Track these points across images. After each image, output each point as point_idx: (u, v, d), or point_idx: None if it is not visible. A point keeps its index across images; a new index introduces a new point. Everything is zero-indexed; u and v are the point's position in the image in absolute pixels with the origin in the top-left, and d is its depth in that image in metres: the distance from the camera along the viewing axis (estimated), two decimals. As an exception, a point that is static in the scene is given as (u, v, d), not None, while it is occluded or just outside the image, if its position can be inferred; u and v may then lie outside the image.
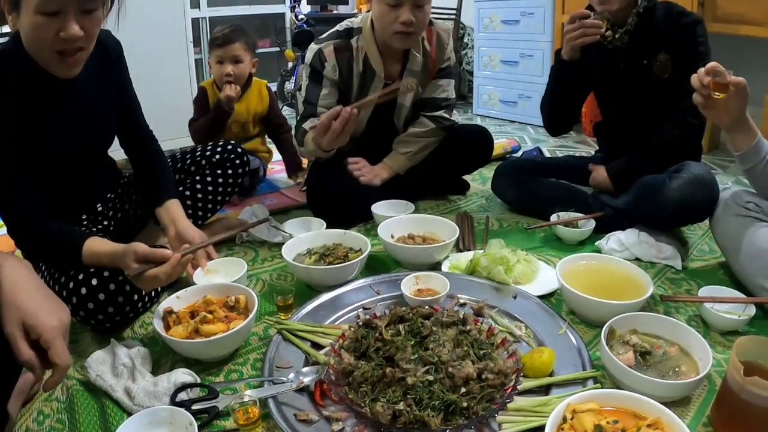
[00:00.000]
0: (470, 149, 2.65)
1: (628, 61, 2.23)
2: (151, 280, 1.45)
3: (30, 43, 1.45)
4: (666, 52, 2.15)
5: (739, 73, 1.62)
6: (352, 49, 2.36)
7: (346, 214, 2.34)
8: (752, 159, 1.75)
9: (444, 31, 2.52)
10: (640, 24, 2.17)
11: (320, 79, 2.35)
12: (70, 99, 1.63)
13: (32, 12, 1.35)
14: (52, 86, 1.57)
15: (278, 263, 2.06)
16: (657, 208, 2.04)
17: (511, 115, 4.93)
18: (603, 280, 1.71)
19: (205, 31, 6.03)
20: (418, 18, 2.22)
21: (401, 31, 2.23)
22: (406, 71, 2.43)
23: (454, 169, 2.74)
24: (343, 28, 2.41)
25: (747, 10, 3.27)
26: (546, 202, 2.35)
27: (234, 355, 1.52)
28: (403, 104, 2.50)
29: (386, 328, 1.37)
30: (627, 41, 2.20)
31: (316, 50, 2.36)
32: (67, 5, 1.36)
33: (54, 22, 1.37)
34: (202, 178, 2.13)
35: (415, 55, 2.42)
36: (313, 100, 2.36)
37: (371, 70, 2.38)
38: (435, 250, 1.94)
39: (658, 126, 2.23)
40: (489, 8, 4.91)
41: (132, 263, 1.45)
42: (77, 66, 1.50)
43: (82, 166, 1.77)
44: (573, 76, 2.27)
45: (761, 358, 1.23)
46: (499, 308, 1.63)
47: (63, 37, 1.39)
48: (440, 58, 2.51)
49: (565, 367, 1.36)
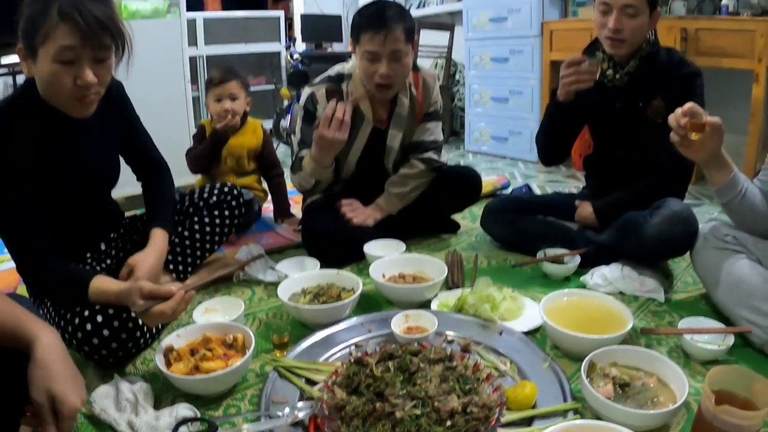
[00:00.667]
0: (459, 190, 2.71)
1: (624, 101, 2.29)
2: (157, 316, 1.52)
3: (47, 88, 1.56)
4: (662, 97, 2.20)
5: (722, 103, 1.68)
6: (342, 93, 2.45)
7: (340, 253, 2.39)
8: (728, 193, 1.80)
9: (430, 77, 2.61)
10: (641, 67, 2.23)
11: (312, 121, 2.42)
12: (78, 140, 1.73)
13: (50, 60, 1.48)
14: (63, 128, 1.67)
15: (274, 302, 2.10)
16: (638, 243, 2.10)
17: (502, 151, 5.00)
18: (585, 315, 1.76)
19: (203, 69, 6.10)
20: (396, 71, 2.31)
21: (380, 83, 2.32)
22: (394, 115, 2.52)
23: (444, 209, 2.79)
24: (335, 72, 2.50)
25: (728, 43, 3.39)
26: (533, 238, 2.40)
27: (232, 390, 1.56)
28: (392, 147, 2.57)
29: (376, 365, 1.42)
30: (626, 82, 2.26)
31: (309, 93, 2.46)
32: (82, 55, 1.49)
33: (70, 70, 1.49)
34: (200, 219, 2.20)
35: (402, 99, 2.50)
36: (308, 141, 2.41)
37: (360, 113, 2.46)
38: (424, 289, 1.99)
39: (645, 167, 2.29)
40: (479, 46, 5.02)
41: (138, 300, 1.51)
42: (92, 106, 1.62)
43: (87, 205, 1.85)
44: (568, 116, 2.34)
45: (734, 386, 1.28)
46: (485, 344, 1.68)
47: (79, 84, 1.51)
48: (427, 103, 2.60)
49: (548, 399, 1.42)
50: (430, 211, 2.71)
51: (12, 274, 2.45)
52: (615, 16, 2.11)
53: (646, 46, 2.22)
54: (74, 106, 1.58)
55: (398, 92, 2.49)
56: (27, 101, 1.61)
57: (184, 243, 2.14)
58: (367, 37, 2.27)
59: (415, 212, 2.63)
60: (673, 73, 2.21)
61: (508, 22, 4.73)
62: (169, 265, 2.07)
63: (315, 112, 2.43)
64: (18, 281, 2.37)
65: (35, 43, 1.48)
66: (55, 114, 1.62)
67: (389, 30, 2.23)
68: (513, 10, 4.66)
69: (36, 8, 1.47)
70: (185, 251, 2.13)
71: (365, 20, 2.29)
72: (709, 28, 3.50)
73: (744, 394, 1.28)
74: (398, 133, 2.55)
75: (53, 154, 1.67)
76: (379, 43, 2.25)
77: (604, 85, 2.29)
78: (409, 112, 2.54)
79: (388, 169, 2.64)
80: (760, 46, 3.24)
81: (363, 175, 2.59)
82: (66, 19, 1.44)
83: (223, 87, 2.80)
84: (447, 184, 2.63)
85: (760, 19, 3.29)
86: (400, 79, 2.38)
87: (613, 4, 2.12)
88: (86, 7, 1.46)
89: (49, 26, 1.45)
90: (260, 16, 6.85)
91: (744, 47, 3.34)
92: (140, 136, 2.01)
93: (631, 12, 2.11)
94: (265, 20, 6.75)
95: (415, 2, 6.88)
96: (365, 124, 2.48)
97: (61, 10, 1.44)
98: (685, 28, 3.53)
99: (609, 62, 2.27)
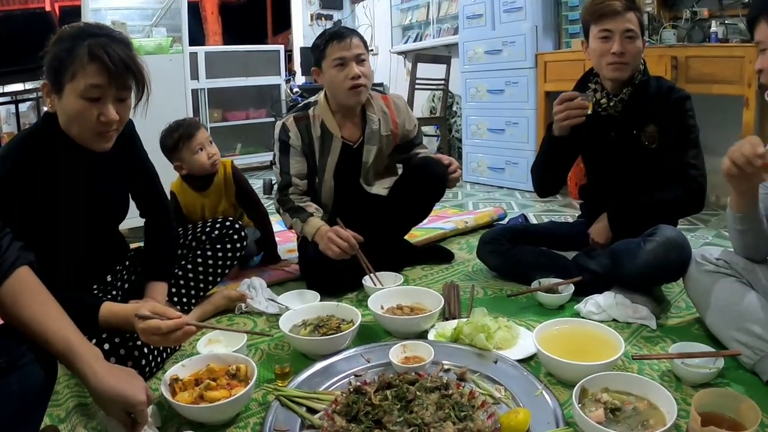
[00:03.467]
0: (424, 185, 2.65)
1: (618, 129, 2.35)
2: (152, 329, 1.55)
3: (70, 123, 1.63)
4: (654, 124, 2.28)
5: (714, 128, 1.71)
6: (309, 117, 2.59)
7: (336, 281, 2.45)
8: (752, 221, 1.79)
9: (398, 98, 2.81)
10: (634, 95, 2.30)
11: (288, 150, 2.57)
12: (93, 174, 1.80)
13: (76, 97, 1.56)
14: (80, 161, 1.74)
15: (275, 334, 2.11)
16: (632, 270, 2.13)
17: (499, 181, 5.07)
18: (577, 342, 1.80)
19: (204, 102, 6.21)
20: (363, 72, 2.47)
21: (352, 85, 2.47)
22: (366, 132, 2.64)
23: (412, 204, 2.71)
24: (302, 103, 2.68)
25: (717, 70, 3.47)
26: (528, 268, 2.45)
27: (236, 419, 1.59)
28: (367, 162, 2.66)
29: (375, 393, 1.47)
30: (620, 110, 2.32)
31: (281, 125, 2.60)
32: (107, 93, 1.58)
33: (95, 106, 1.58)
34: (203, 253, 2.26)
35: (371, 116, 2.64)
36: (286, 170, 2.57)
37: (329, 132, 2.59)
38: (421, 320, 2.03)
39: (640, 193, 2.34)
40: (475, 78, 5.12)
41: (144, 311, 1.56)
42: (111, 141, 1.70)
43: (96, 238, 1.91)
44: (564, 148, 2.38)
45: (722, 408, 1.33)
46: (480, 373, 1.71)
47: (102, 120, 1.59)
48: (401, 119, 2.73)
49: (541, 425, 1.45)
50: (403, 210, 2.69)
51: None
52: (618, 40, 2.21)
53: (638, 74, 2.30)
54: (95, 140, 1.66)
55: (366, 110, 2.64)
56: (48, 134, 1.67)
57: (187, 276, 2.20)
58: (333, 47, 2.48)
59: (389, 219, 2.67)
60: (664, 100, 2.29)
61: (503, 54, 4.83)
62: (173, 297, 2.13)
63: (288, 140, 2.57)
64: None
65: (63, 79, 1.56)
66: (74, 147, 1.68)
67: (350, 37, 2.48)
68: (508, 42, 4.77)
69: (64, 47, 1.56)
70: (188, 284, 2.19)
71: (327, 36, 2.52)
72: (699, 55, 3.59)
73: (731, 415, 1.33)
74: (372, 148, 2.65)
75: (68, 187, 1.73)
76: (345, 48, 2.46)
77: (598, 114, 2.35)
78: (383, 127, 2.67)
79: (364, 187, 2.69)
80: (750, 71, 3.30)
81: (343, 196, 2.67)
82: (95, 59, 1.54)
83: (195, 138, 2.69)
84: (412, 181, 2.67)
85: (749, 45, 3.35)
86: (368, 81, 2.53)
87: (615, 30, 2.22)
88: (113, 49, 1.56)
89: (77, 65, 1.54)
90: (260, 50, 6.97)
91: (733, 73, 3.42)
92: (147, 174, 2.05)
93: (631, 35, 2.22)
94: (265, 54, 6.87)
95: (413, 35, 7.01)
96: (335, 142, 2.60)
97: (91, 51, 1.54)
98: (675, 57, 3.62)
99: (602, 92, 2.34)
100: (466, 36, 5.16)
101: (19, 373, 1.20)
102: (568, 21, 4.67)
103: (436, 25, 6.73)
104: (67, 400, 1.69)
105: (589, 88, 2.36)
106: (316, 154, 2.60)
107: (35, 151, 1.66)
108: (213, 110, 6.55)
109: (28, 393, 1.22)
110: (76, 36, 1.57)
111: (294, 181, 2.55)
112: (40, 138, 1.68)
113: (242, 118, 6.92)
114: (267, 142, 6.80)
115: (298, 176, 2.57)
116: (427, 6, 6.88)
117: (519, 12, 4.68)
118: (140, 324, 1.56)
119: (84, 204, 1.79)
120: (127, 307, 1.64)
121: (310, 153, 2.60)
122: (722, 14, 3.77)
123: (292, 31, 8.27)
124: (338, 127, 2.60)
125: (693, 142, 2.28)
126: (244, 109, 6.96)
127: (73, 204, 1.75)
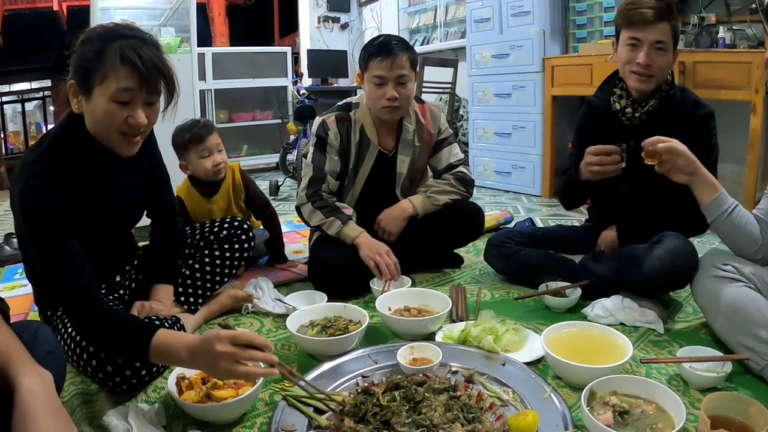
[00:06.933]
0: (462, 225, 2.75)
1: (639, 139, 2.19)
2: (243, 373, 1.41)
3: (97, 125, 1.62)
4: (677, 137, 2.14)
5: (721, 134, 1.77)
6: (350, 120, 2.59)
7: (345, 286, 2.44)
8: (714, 212, 1.91)
9: (435, 107, 2.78)
10: (659, 107, 2.23)
11: (324, 147, 2.59)
12: (115, 177, 1.80)
13: (106, 99, 1.55)
14: (103, 164, 1.74)
15: (282, 334, 2.13)
16: (639, 276, 2.11)
17: (506, 185, 5.07)
18: (586, 345, 1.80)
19: (211, 103, 6.24)
20: (402, 94, 2.47)
21: (387, 106, 2.47)
22: (401, 141, 2.64)
23: (447, 244, 2.84)
24: (344, 103, 2.65)
25: (724, 75, 3.47)
26: (535, 271, 2.45)
27: (242, 418, 1.59)
28: (401, 173, 2.68)
29: (383, 394, 1.47)
30: (644, 120, 2.26)
31: (320, 121, 2.60)
32: (137, 97, 1.58)
33: (124, 109, 1.57)
34: (211, 253, 2.27)
35: (407, 126, 2.63)
36: (321, 166, 2.58)
37: (367, 138, 2.60)
38: (429, 322, 2.04)
39: (647, 201, 2.31)
40: (482, 82, 5.11)
41: (228, 347, 1.38)
42: (138, 145, 1.69)
43: (110, 239, 1.92)
44: (588, 187, 2.33)
45: (730, 412, 1.34)
46: (488, 375, 1.71)
47: (131, 123, 1.59)
48: (436, 129, 2.73)
49: (549, 428, 1.45)
50: (434, 245, 2.76)
51: (24, 300, 2.52)
52: (645, 51, 2.11)
53: (665, 86, 2.23)
54: (122, 143, 1.65)
55: (403, 119, 2.63)
56: (74, 136, 1.67)
57: (194, 275, 2.21)
58: (375, 63, 2.45)
59: (419, 246, 2.68)
60: (689, 115, 2.21)
61: (511, 58, 4.82)
62: (180, 297, 2.13)
63: (326, 138, 2.57)
64: (29, 306, 2.43)
65: (92, 81, 1.55)
66: (99, 150, 1.68)
67: (396, 57, 2.43)
68: (515, 46, 4.76)
69: (93, 47, 1.55)
70: (195, 283, 2.20)
71: (374, 48, 2.47)
72: (706, 61, 3.58)
73: (740, 418, 1.33)
74: (406, 158, 2.67)
75: (90, 190, 1.73)
76: (387, 67, 2.43)
77: (621, 122, 2.30)
78: (417, 137, 2.67)
79: (398, 196, 2.71)
80: (757, 77, 3.31)
81: (369, 202, 2.66)
82: (126, 62, 1.53)
83: (204, 143, 2.67)
84: (450, 219, 2.67)
85: (756, 51, 3.37)
86: (405, 102, 2.52)
87: (643, 40, 2.11)
88: (145, 52, 1.55)
89: (108, 67, 1.53)
90: (268, 52, 6.98)
91: (741, 79, 3.41)
92: (161, 177, 2.06)
93: (662, 47, 2.11)
94: (272, 55, 6.89)
95: (420, 39, 7.02)
96: (371, 149, 2.61)
97: (122, 53, 1.52)
98: (683, 62, 3.60)
99: (627, 99, 2.27)
100: (474, 40, 5.16)
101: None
102: (576, 26, 4.67)
103: (443, 29, 6.75)
104: (72, 397, 1.70)
105: (618, 106, 2.29)
106: (351, 158, 2.61)
107: (65, 153, 1.64)
108: (219, 111, 6.58)
109: None
110: (105, 37, 1.56)
111: (328, 178, 2.58)
112: (69, 140, 1.67)
113: (249, 120, 6.94)
114: (273, 143, 6.83)
115: (331, 174, 2.59)
116: (434, 9, 6.90)
117: (527, 16, 4.67)
118: (221, 368, 1.39)
119: (104, 205, 1.79)
120: (186, 339, 1.50)
121: (345, 156, 2.61)
122: (730, 20, 3.76)
123: (299, 33, 8.29)
124: (376, 134, 2.61)
125: (713, 163, 2.18)
126: (250, 110, 6.98)
127: (93, 205, 1.75)
